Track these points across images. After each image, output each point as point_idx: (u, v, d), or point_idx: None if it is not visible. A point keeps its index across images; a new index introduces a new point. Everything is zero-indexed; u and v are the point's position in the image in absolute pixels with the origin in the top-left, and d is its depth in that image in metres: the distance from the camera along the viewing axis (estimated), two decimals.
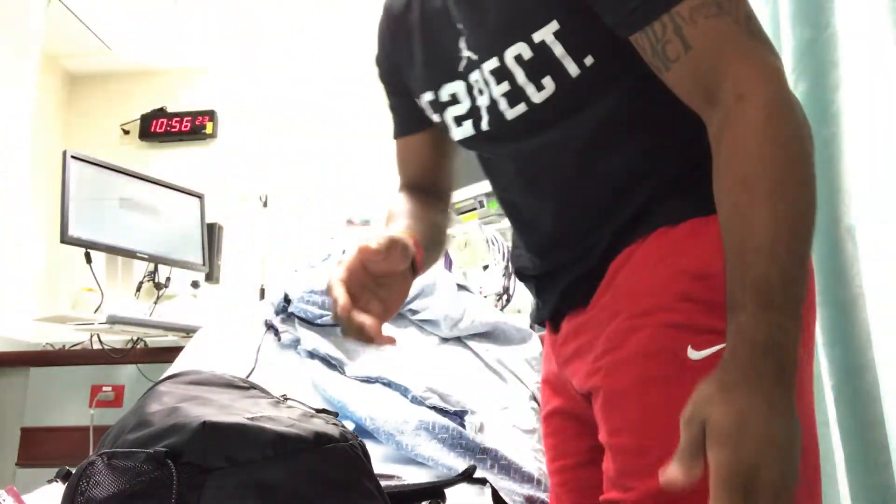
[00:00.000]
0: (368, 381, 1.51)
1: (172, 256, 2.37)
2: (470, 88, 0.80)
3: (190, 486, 0.65)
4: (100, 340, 2.36)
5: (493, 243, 2.13)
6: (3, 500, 0.95)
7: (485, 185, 2.26)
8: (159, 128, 3.22)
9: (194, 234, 2.48)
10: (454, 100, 0.82)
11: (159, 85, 3.35)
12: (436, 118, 0.87)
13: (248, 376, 1.54)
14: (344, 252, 1.60)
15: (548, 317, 0.87)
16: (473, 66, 0.79)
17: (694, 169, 0.71)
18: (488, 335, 1.74)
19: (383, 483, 0.81)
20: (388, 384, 1.48)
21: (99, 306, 2.27)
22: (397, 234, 0.73)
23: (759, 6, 1.37)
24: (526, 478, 1.22)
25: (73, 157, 2.15)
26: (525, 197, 0.84)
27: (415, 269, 0.77)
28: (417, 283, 1.79)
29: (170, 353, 1.92)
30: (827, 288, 1.15)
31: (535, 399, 1.56)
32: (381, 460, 1.24)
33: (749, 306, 0.56)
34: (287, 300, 1.76)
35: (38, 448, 2.23)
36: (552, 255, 0.83)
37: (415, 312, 1.77)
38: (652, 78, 0.69)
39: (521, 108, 0.76)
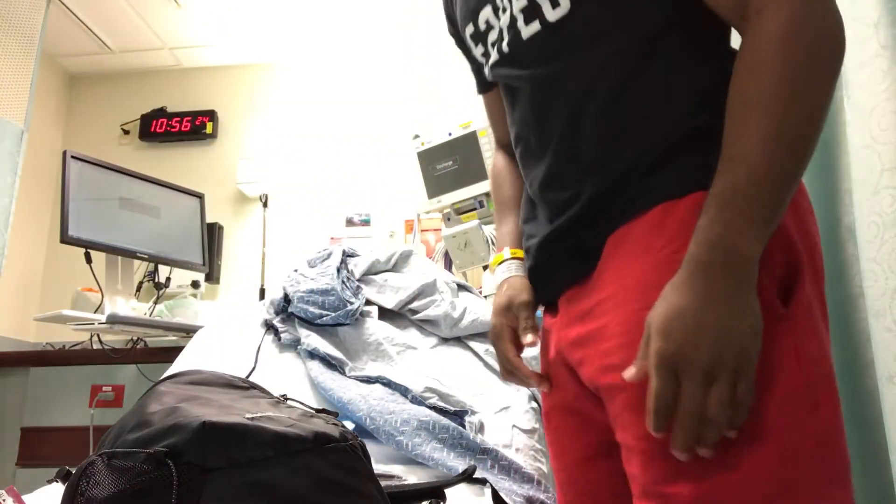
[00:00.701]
0: (368, 381, 1.51)
1: (172, 256, 2.37)
2: (496, 10, 0.80)
3: (190, 486, 0.64)
4: (100, 340, 2.36)
5: (493, 243, 2.13)
6: (3, 500, 0.95)
7: (485, 185, 2.27)
8: (159, 128, 3.22)
9: (194, 234, 2.48)
10: (488, 25, 0.82)
11: (159, 85, 3.34)
12: (479, 55, 0.87)
13: (248, 376, 1.54)
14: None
15: (545, 296, 0.85)
16: None
17: (702, 133, 0.67)
18: (488, 335, 1.74)
19: (383, 483, 0.81)
20: (388, 384, 1.48)
21: (99, 306, 2.27)
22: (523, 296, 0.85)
23: None
24: (526, 478, 1.22)
25: (73, 157, 2.15)
26: (534, 130, 0.81)
27: None
28: (417, 284, 1.80)
29: (170, 353, 1.92)
30: (827, 288, 1.15)
31: (535, 399, 1.56)
32: (381, 460, 1.25)
33: (712, 210, 0.59)
34: (287, 300, 1.76)
35: (38, 448, 2.23)
36: (549, 196, 0.80)
37: (415, 312, 1.77)
38: (670, 29, 0.69)
39: (535, 26, 0.75)
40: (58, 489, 0.96)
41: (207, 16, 2.97)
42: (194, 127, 3.22)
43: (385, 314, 1.78)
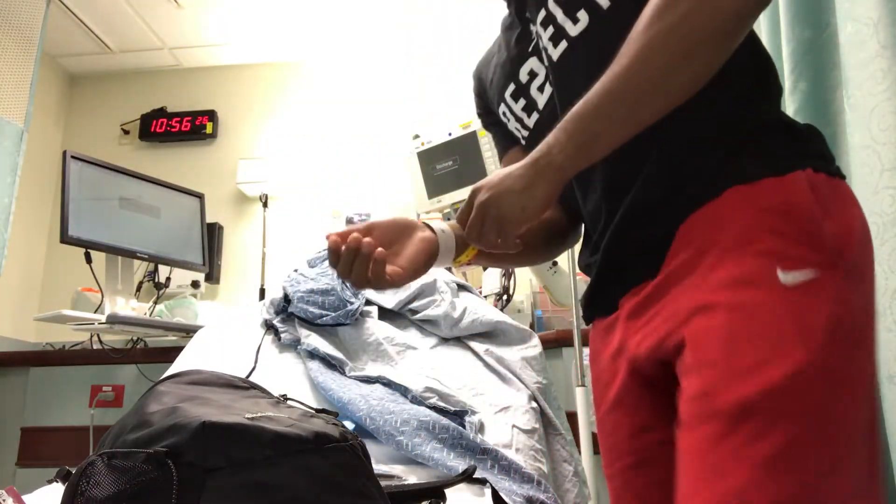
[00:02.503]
0: (368, 381, 1.51)
1: (172, 256, 2.37)
2: (540, 57, 0.86)
3: (190, 486, 0.64)
4: (100, 340, 2.36)
5: None
6: (3, 500, 0.94)
7: None
8: (159, 128, 3.22)
9: (194, 234, 2.48)
10: (532, 74, 0.89)
11: (159, 85, 3.34)
12: (520, 109, 0.92)
13: (248, 376, 1.54)
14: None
15: (608, 301, 0.84)
16: (538, 33, 0.85)
17: (761, 128, 0.73)
18: (488, 335, 1.74)
19: (383, 483, 0.81)
20: (388, 384, 1.48)
21: (99, 306, 2.27)
22: (408, 218, 0.87)
23: None
24: (526, 478, 1.22)
25: (73, 157, 2.15)
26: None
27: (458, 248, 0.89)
28: (417, 283, 1.80)
29: (170, 353, 1.92)
30: None
31: (534, 399, 1.56)
32: (381, 460, 1.25)
33: (559, 124, 0.72)
34: (287, 300, 1.76)
35: (38, 448, 2.23)
36: (613, 197, 0.81)
37: (415, 312, 1.77)
38: None
39: (562, 45, 0.80)
40: (58, 489, 0.96)
41: (207, 16, 2.97)
42: (194, 127, 3.22)
43: (385, 314, 1.78)
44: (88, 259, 2.12)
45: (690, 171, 0.73)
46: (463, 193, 2.30)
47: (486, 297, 2.08)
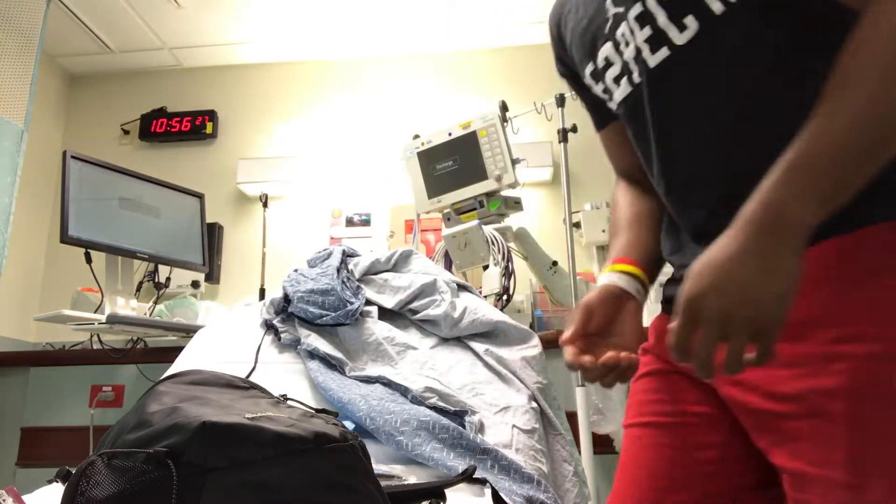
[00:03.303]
0: (368, 381, 1.51)
1: (172, 256, 2.37)
2: (617, 45, 0.79)
3: (190, 486, 0.64)
4: (100, 340, 2.36)
5: (493, 243, 2.13)
6: (3, 500, 0.95)
7: (485, 185, 2.27)
8: (159, 128, 3.22)
9: (194, 234, 2.48)
10: (608, 62, 0.82)
11: (159, 85, 3.35)
12: (600, 91, 0.86)
13: (248, 376, 1.54)
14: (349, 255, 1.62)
15: None
16: (620, 19, 0.78)
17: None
18: (488, 335, 1.74)
19: (383, 483, 0.81)
20: (388, 384, 1.48)
21: (99, 306, 2.27)
22: (609, 285, 0.81)
23: None
24: (526, 478, 1.22)
25: (73, 157, 2.15)
26: (685, 163, 0.77)
27: (646, 290, 0.83)
28: (417, 284, 1.80)
29: (170, 353, 1.92)
30: None
31: (534, 399, 1.56)
32: (381, 460, 1.24)
33: (777, 173, 0.59)
34: (287, 300, 1.76)
35: (38, 448, 2.23)
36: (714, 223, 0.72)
37: (415, 312, 1.77)
38: (808, 46, 0.66)
39: (663, 52, 0.73)
40: (58, 489, 0.96)
41: (207, 16, 2.97)
42: (194, 127, 3.22)
43: (385, 314, 1.78)
44: (88, 259, 2.12)
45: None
46: (462, 193, 2.30)
47: (486, 297, 2.08)
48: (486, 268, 2.15)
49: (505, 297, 2.16)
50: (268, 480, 0.67)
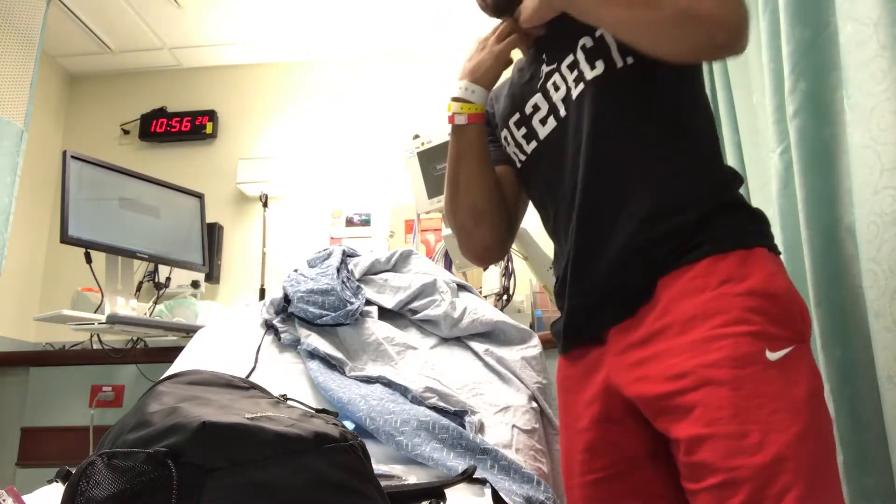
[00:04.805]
0: (368, 381, 1.51)
1: (172, 256, 2.37)
2: (546, 93, 1.01)
3: (190, 487, 0.64)
4: (100, 340, 2.36)
5: None
6: (3, 500, 0.94)
7: None
8: (159, 128, 3.22)
9: (194, 234, 2.48)
10: (535, 108, 1.03)
11: (159, 85, 3.34)
12: (521, 136, 1.07)
13: (248, 376, 1.54)
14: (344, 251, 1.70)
15: (592, 331, 0.95)
16: (551, 74, 1.01)
17: (730, 204, 0.90)
18: (488, 335, 1.74)
19: (383, 483, 0.81)
20: (388, 384, 1.48)
21: (99, 306, 2.27)
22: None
23: (759, 6, 1.37)
24: (526, 478, 1.22)
25: (73, 157, 2.15)
26: (593, 191, 0.95)
27: None
28: (417, 283, 1.80)
29: (170, 353, 1.92)
30: (827, 288, 1.15)
31: (534, 399, 1.56)
32: (381, 460, 1.25)
33: None
34: (287, 300, 1.76)
35: (38, 448, 2.23)
36: (597, 251, 0.94)
37: (415, 312, 1.77)
38: (687, 107, 0.94)
39: (580, 86, 0.96)
40: (58, 489, 0.96)
41: (207, 16, 2.97)
42: (194, 127, 3.22)
43: (385, 314, 1.78)
44: (88, 259, 2.12)
45: (669, 230, 0.87)
46: None
47: (486, 297, 2.08)
48: (486, 268, 2.15)
49: (505, 297, 2.16)
50: (268, 480, 0.67)
